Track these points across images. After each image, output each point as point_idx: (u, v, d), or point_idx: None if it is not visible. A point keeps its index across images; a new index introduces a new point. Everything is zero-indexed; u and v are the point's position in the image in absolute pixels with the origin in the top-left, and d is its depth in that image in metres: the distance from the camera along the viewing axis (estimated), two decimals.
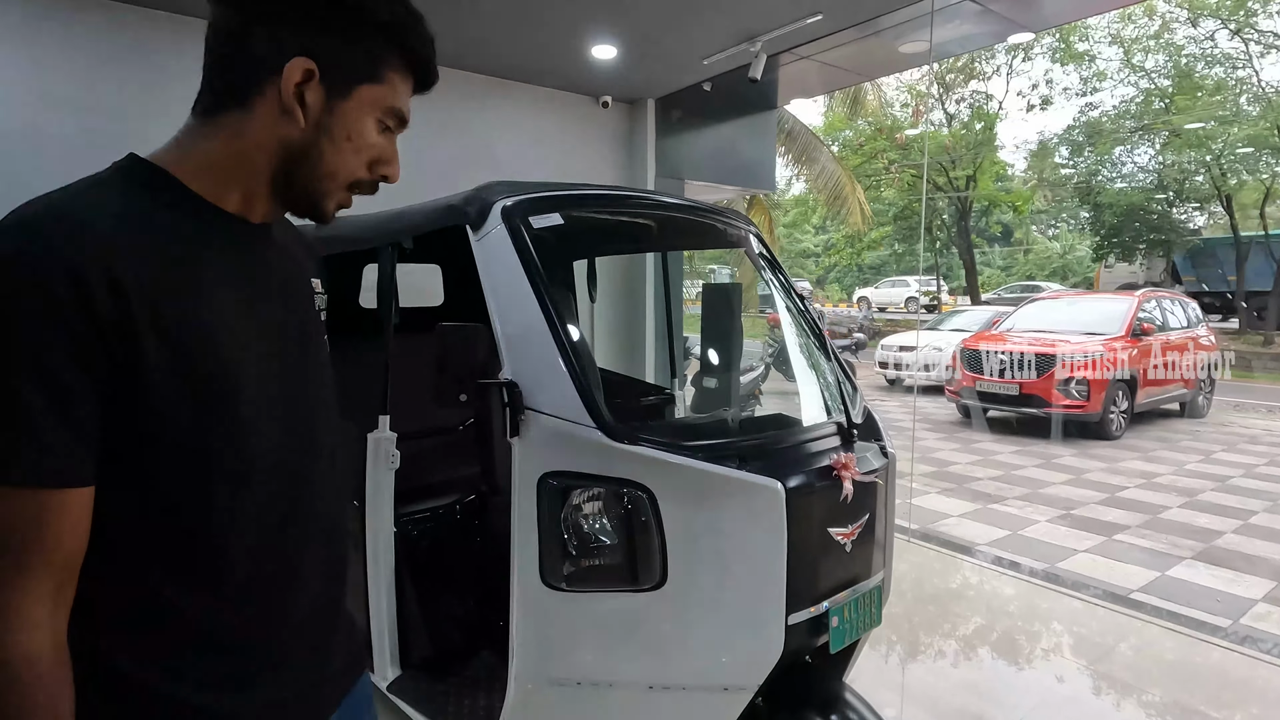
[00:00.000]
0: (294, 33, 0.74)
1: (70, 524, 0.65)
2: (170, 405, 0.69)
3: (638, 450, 1.50)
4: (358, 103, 0.77)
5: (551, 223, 1.81)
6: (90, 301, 0.62)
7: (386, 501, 2.13)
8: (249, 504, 0.76)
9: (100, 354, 0.64)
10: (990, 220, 25.08)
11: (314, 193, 0.79)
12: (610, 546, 1.54)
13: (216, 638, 0.75)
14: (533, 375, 1.59)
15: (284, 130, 0.75)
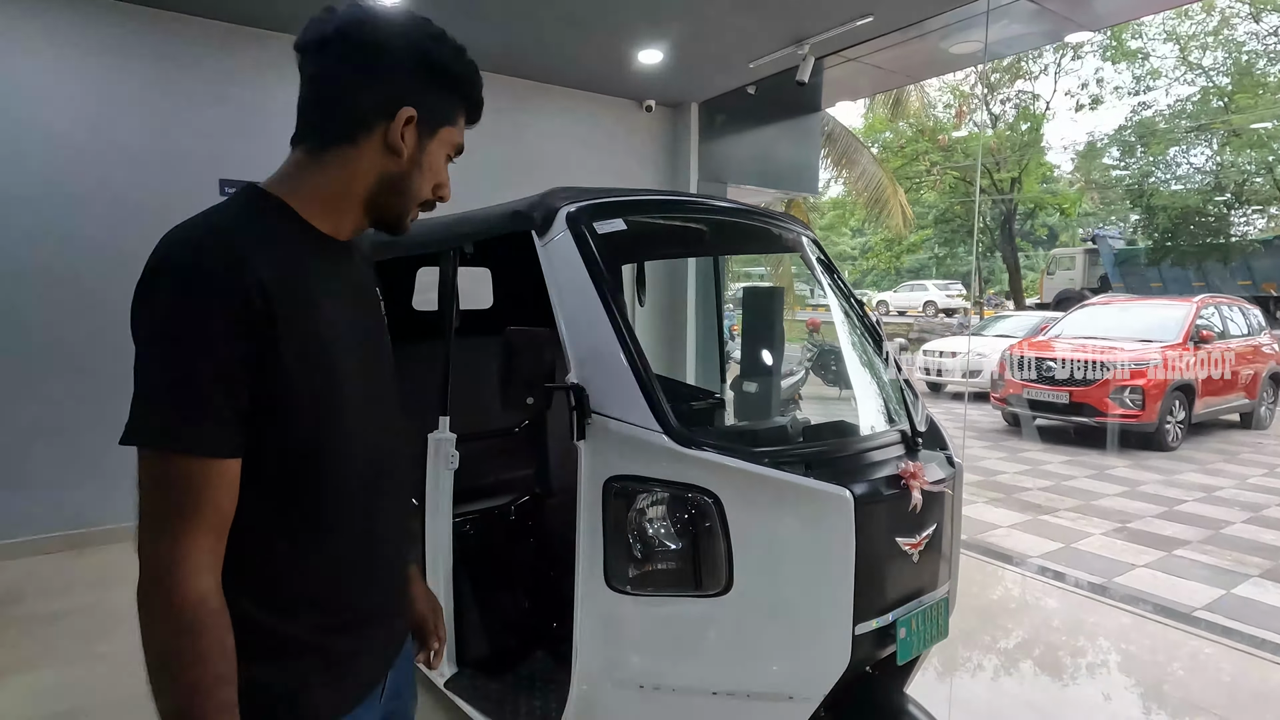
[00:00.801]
0: (401, 88, 0.90)
1: (225, 489, 0.78)
2: (294, 390, 0.82)
3: (704, 456, 1.51)
4: (439, 141, 0.96)
5: (615, 228, 1.83)
6: (248, 303, 0.76)
7: (446, 501, 2.17)
8: (347, 476, 0.89)
9: (252, 345, 0.77)
10: (1036, 223, 24.43)
11: (401, 213, 0.96)
12: (675, 551, 1.54)
13: (321, 589, 0.89)
14: (598, 379, 1.60)
15: (386, 164, 0.92)
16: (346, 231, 0.95)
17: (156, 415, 0.75)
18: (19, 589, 3.67)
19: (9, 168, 3.94)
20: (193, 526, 0.75)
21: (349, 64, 0.89)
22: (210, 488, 0.76)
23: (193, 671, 0.74)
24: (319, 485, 0.87)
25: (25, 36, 3.95)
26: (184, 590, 0.74)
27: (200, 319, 0.75)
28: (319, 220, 0.91)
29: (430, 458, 2.19)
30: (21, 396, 4.02)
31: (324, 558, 0.89)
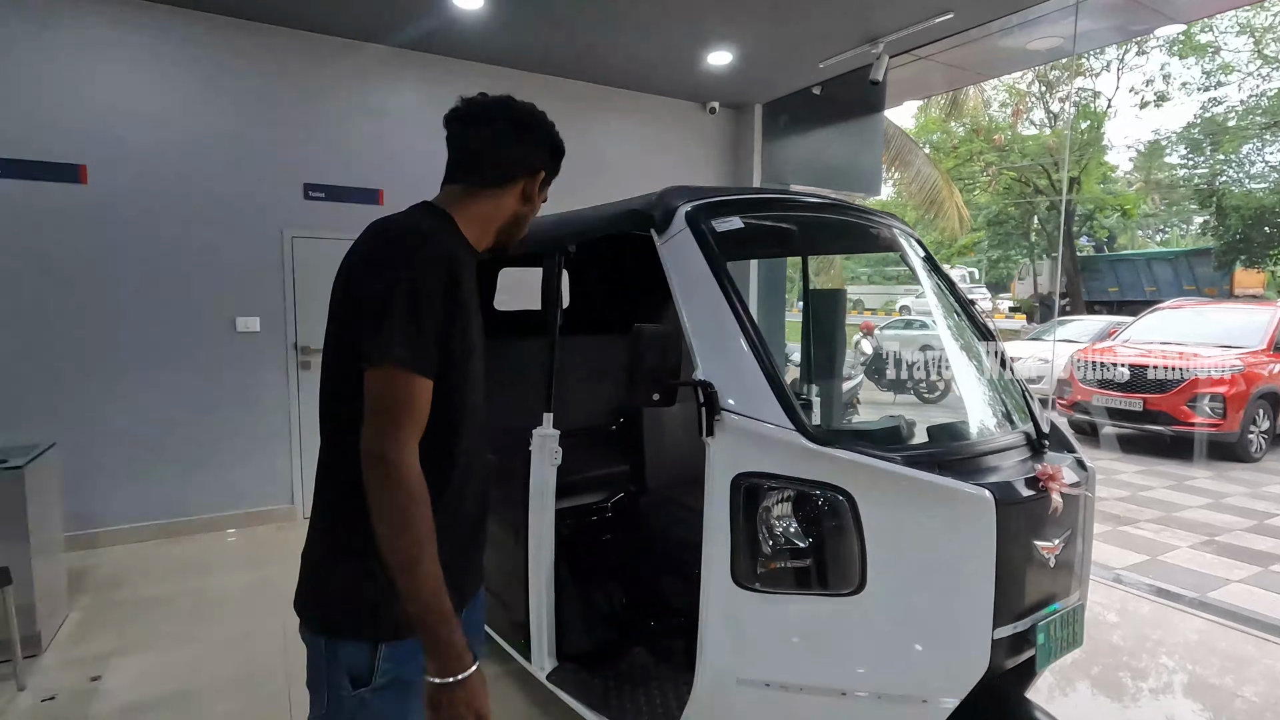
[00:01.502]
0: (540, 155, 1.28)
1: (426, 402, 1.05)
2: (454, 346, 1.09)
3: (838, 454, 1.49)
4: (541, 191, 1.30)
5: (733, 226, 1.83)
6: (450, 274, 1.07)
7: (549, 497, 2.20)
8: (464, 436, 1.16)
9: (446, 310, 1.06)
10: (1095, 225, 23.57)
11: (513, 237, 1.31)
12: (806, 549, 1.53)
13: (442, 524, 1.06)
14: (725, 376, 1.60)
15: (519, 206, 1.28)
16: (482, 247, 1.27)
17: (395, 344, 1.01)
18: (120, 574, 3.85)
19: (111, 174, 4.15)
20: (414, 425, 1.02)
21: (505, 133, 1.24)
22: (423, 399, 1.04)
23: (418, 527, 0.98)
24: (452, 425, 1.13)
25: (129, 50, 4.16)
26: (409, 465, 1.00)
27: (422, 275, 1.04)
28: (469, 235, 1.22)
29: (535, 453, 2.22)
30: (119, 392, 4.22)
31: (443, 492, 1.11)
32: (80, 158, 4.07)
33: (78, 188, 4.08)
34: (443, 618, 0.98)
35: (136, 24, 4.16)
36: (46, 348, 4.04)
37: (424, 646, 0.98)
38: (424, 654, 0.98)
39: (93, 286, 4.11)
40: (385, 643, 1.06)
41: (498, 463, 2.40)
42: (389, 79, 4.87)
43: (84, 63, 4.06)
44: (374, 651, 1.05)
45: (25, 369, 4.01)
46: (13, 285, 3.96)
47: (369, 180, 4.82)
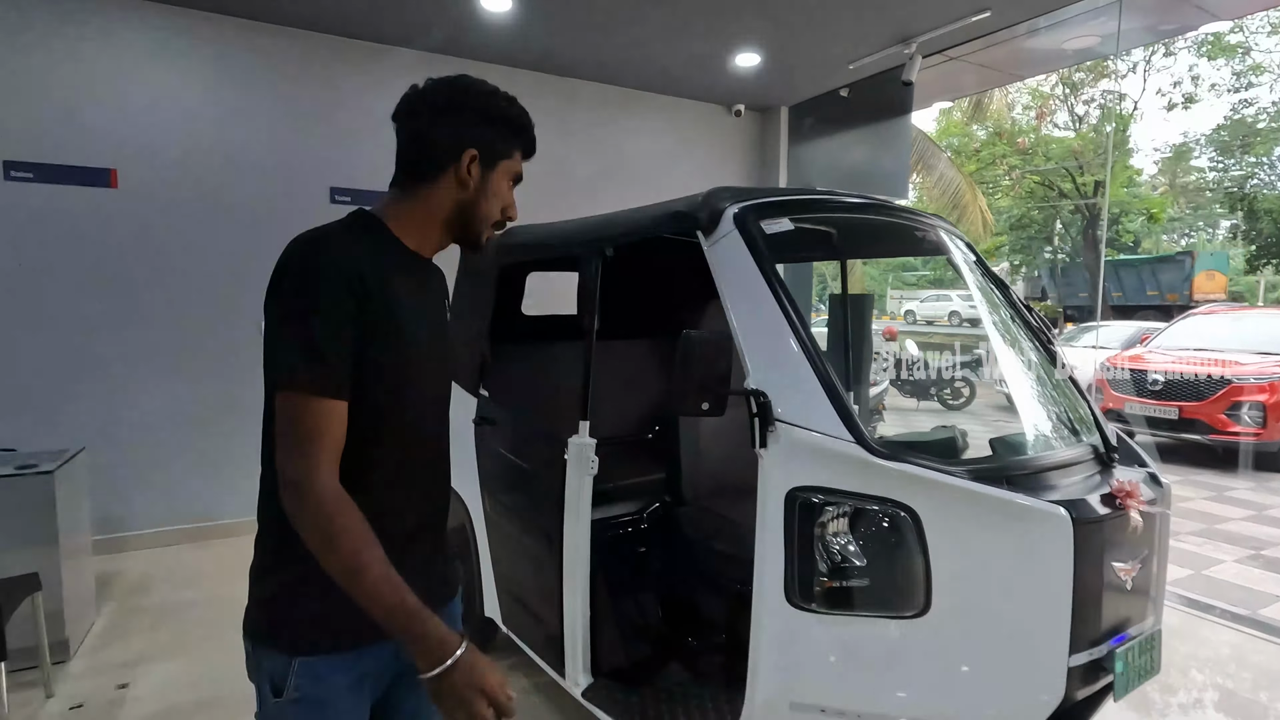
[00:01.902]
0: (464, 133, 1.14)
1: (340, 423, 1.01)
2: (374, 361, 1.04)
3: (902, 468, 1.42)
4: (499, 172, 1.18)
5: (782, 228, 1.76)
6: (351, 285, 1.01)
7: (585, 507, 2.13)
8: (394, 452, 1.11)
9: (355, 324, 1.01)
10: (1121, 229, 23.18)
11: (474, 231, 1.19)
12: (865, 568, 1.45)
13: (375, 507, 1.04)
14: (779, 385, 1.53)
15: (457, 195, 1.15)
16: (430, 249, 1.19)
17: (297, 367, 0.98)
18: (147, 579, 3.84)
19: (141, 177, 4.16)
20: (322, 446, 0.98)
21: (427, 120, 1.14)
22: (331, 421, 1.00)
23: (347, 540, 0.95)
24: (380, 439, 1.09)
25: (159, 54, 4.18)
26: (320, 482, 0.97)
27: (321, 294, 1.00)
28: (408, 239, 1.16)
29: (570, 462, 2.16)
30: (147, 395, 4.23)
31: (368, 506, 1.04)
32: (110, 161, 4.08)
33: (108, 191, 4.09)
34: (408, 614, 0.95)
35: (167, 28, 4.17)
36: (77, 351, 4.06)
37: (405, 647, 0.97)
38: (410, 653, 0.97)
39: (122, 290, 4.12)
40: (298, 657, 1.04)
41: (531, 472, 2.37)
42: (415, 83, 4.84)
43: (114, 67, 4.08)
44: (289, 664, 1.04)
45: (56, 372, 4.02)
46: (43, 289, 3.98)
47: None
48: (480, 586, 2.81)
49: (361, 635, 1.06)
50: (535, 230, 2.67)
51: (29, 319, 3.96)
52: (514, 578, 2.60)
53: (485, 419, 2.71)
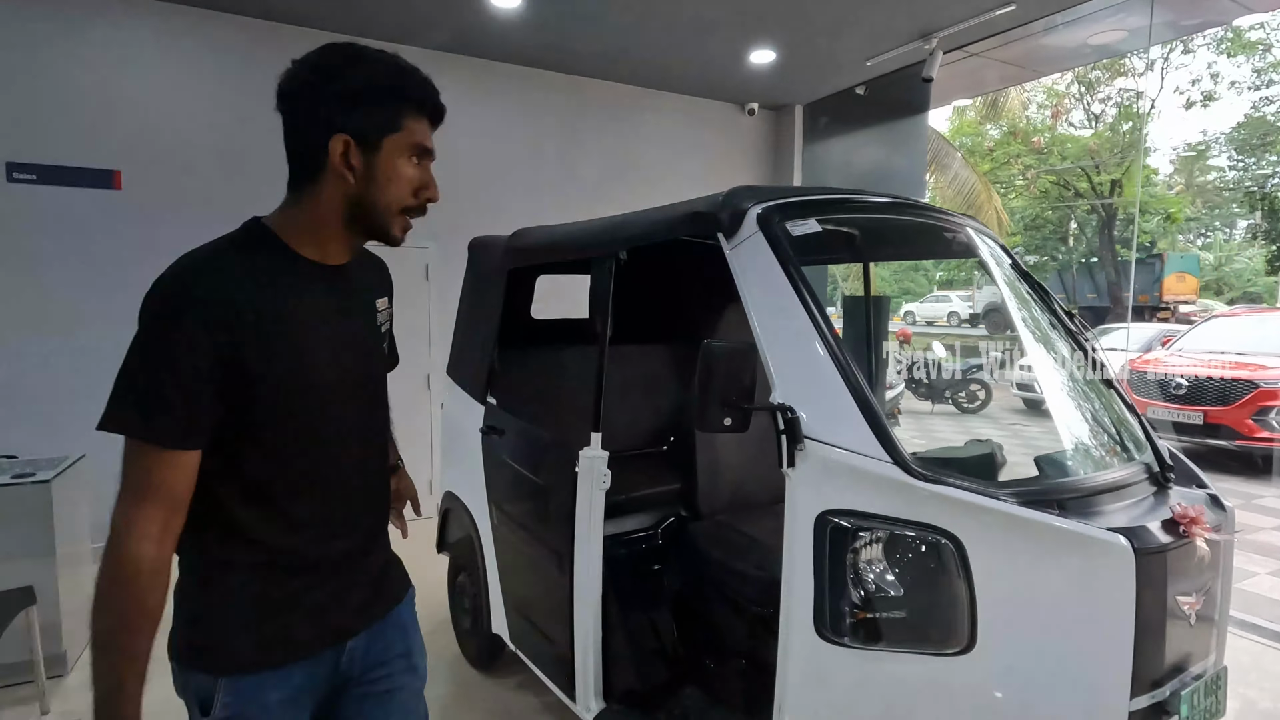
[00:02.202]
0: (327, 122, 0.99)
1: (177, 475, 0.93)
2: (266, 401, 0.96)
3: (944, 491, 1.30)
4: (387, 151, 1.02)
5: (809, 229, 1.65)
6: (215, 326, 0.91)
7: (596, 523, 2.03)
8: (309, 477, 1.05)
9: (216, 360, 0.92)
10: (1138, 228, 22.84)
11: (378, 225, 1.05)
12: (903, 599, 1.34)
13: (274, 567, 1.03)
14: (808, 399, 1.42)
15: (343, 189, 1.02)
16: (336, 255, 1.07)
17: (126, 409, 0.91)
18: None
19: (145, 179, 4.09)
20: (143, 500, 0.91)
21: (291, 111, 1.03)
22: (161, 472, 0.92)
23: (107, 617, 0.91)
24: (293, 467, 1.02)
25: (162, 54, 4.11)
26: (126, 548, 0.91)
27: (170, 335, 0.91)
28: (305, 248, 1.04)
29: (581, 476, 2.05)
30: None
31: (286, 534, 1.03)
32: (114, 163, 4.02)
33: (112, 193, 4.03)
34: (104, 715, 0.93)
35: (171, 28, 4.10)
36: (80, 355, 3.99)
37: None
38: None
39: (126, 293, 4.04)
40: (225, 677, 1.01)
41: (540, 485, 2.27)
42: None
43: (119, 67, 4.01)
44: (216, 683, 1.01)
45: (59, 377, 3.96)
46: (47, 292, 3.92)
47: None
48: (487, 601, 2.71)
49: (291, 651, 1.05)
50: (545, 232, 2.56)
51: (32, 323, 3.89)
52: (522, 594, 2.50)
53: (493, 428, 2.61)
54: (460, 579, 3.04)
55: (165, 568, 0.94)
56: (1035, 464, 1.58)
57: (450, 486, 3.03)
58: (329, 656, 1.09)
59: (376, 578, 1.18)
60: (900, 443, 1.34)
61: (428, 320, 4.85)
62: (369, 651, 1.15)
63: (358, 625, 1.13)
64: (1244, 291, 21.83)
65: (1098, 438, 1.70)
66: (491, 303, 2.73)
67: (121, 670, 0.92)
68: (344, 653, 1.11)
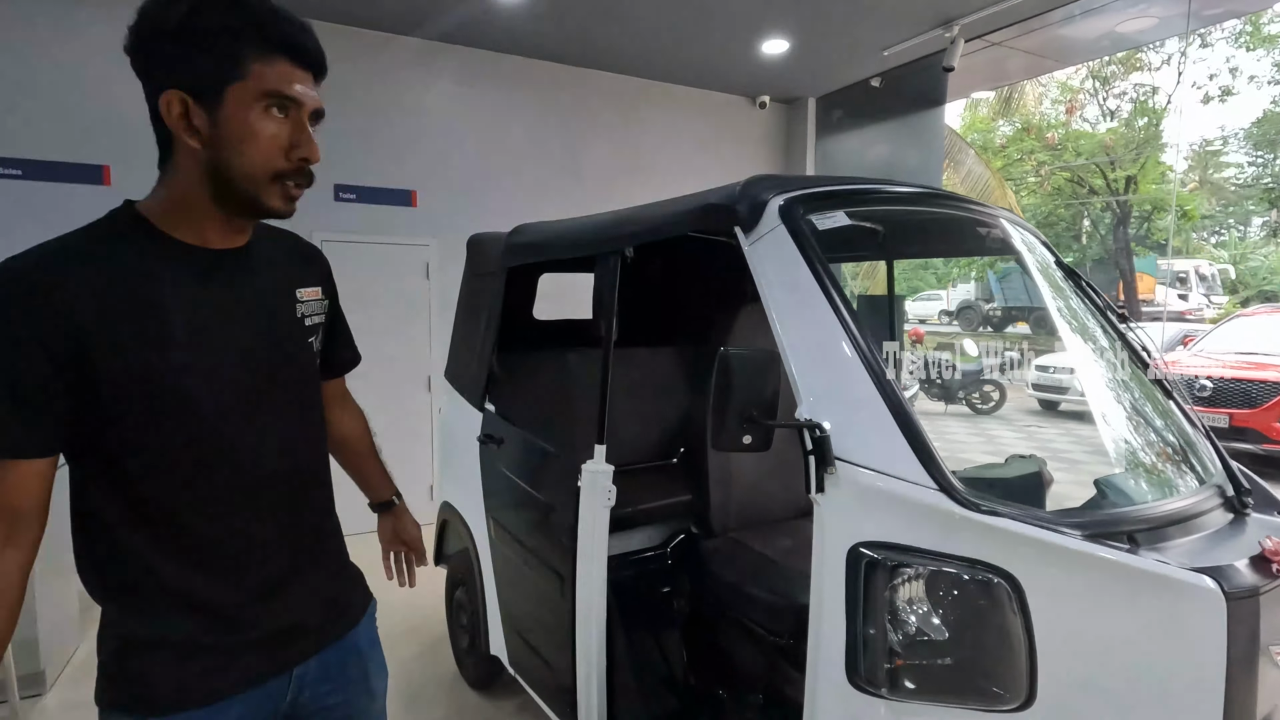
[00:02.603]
0: (154, 79, 0.86)
1: (12, 486, 0.84)
2: (122, 402, 0.85)
3: (999, 524, 1.13)
4: (232, 104, 0.85)
5: (837, 223, 1.48)
6: (46, 323, 0.80)
7: (600, 542, 1.86)
8: (208, 490, 0.92)
9: (47, 360, 0.80)
10: (1153, 226, 22.50)
11: (247, 196, 0.89)
12: (950, 645, 1.17)
13: (186, 596, 0.92)
14: (839, 415, 1.25)
15: (196, 158, 0.87)
16: (215, 237, 0.93)
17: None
18: None
19: (134, 174, 3.94)
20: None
21: (140, 71, 0.88)
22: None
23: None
24: (172, 492, 0.90)
25: None
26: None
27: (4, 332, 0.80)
28: (180, 231, 0.91)
29: (584, 492, 1.89)
30: None
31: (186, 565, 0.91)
32: (103, 158, 3.88)
33: (101, 189, 3.90)
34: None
35: None
36: None
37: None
38: None
39: None
40: (149, 718, 0.92)
41: (540, 500, 2.11)
42: (424, 74, 4.62)
43: (106, 59, 3.87)
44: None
45: None
46: None
47: (402, 181, 4.56)
48: (485, 621, 2.55)
49: (222, 687, 0.95)
50: (546, 228, 2.40)
51: None
52: (521, 615, 2.34)
53: (490, 437, 2.45)
54: (458, 594, 2.89)
55: (12, 584, 0.86)
56: (1096, 488, 1.41)
57: (448, 497, 2.88)
58: (276, 686, 1.00)
59: (326, 600, 1.07)
60: (946, 468, 1.17)
61: (428, 320, 4.70)
62: (324, 676, 1.06)
63: (307, 651, 1.04)
64: (1259, 290, 21.48)
65: (1161, 456, 1.53)
66: (490, 303, 2.57)
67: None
68: (291, 680, 1.02)
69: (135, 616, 0.91)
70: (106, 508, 0.89)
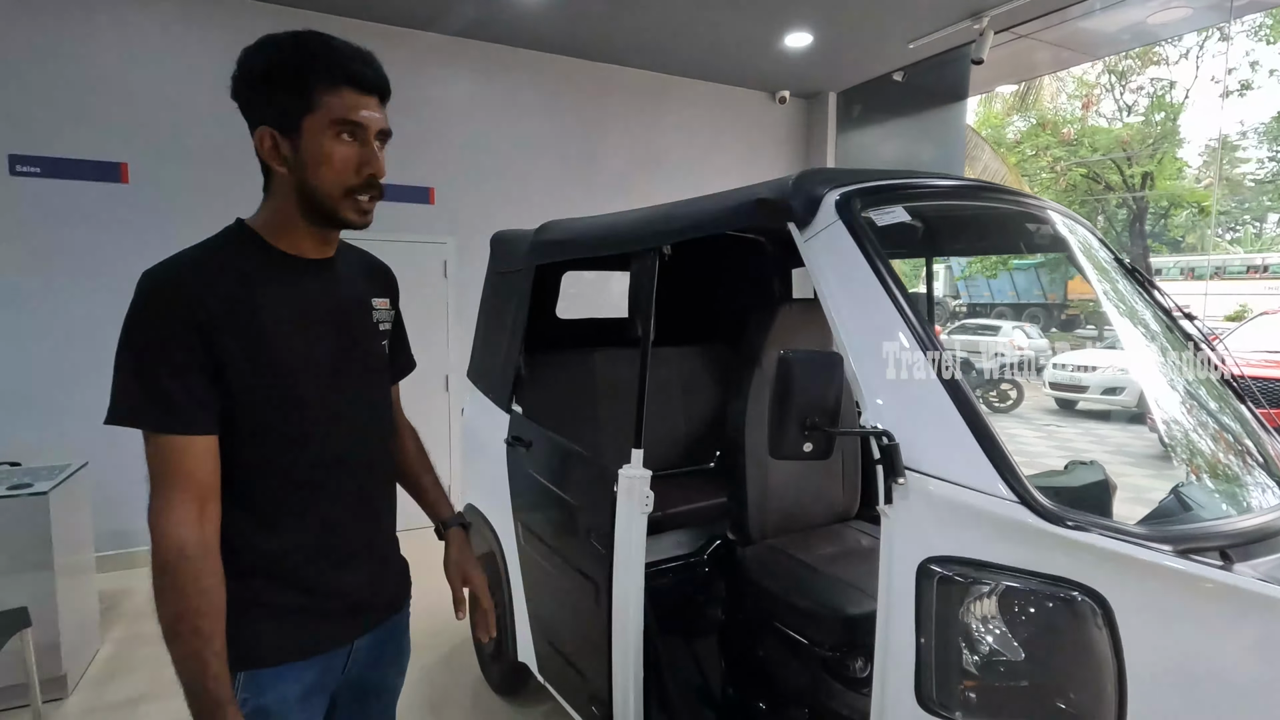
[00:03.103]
0: (251, 117, 1.03)
1: (195, 461, 0.96)
2: (240, 387, 0.98)
3: (1086, 539, 1.06)
4: (309, 133, 0.99)
5: (897, 218, 1.40)
6: (191, 318, 0.95)
7: (638, 549, 1.80)
8: (301, 468, 1.05)
9: (200, 347, 0.95)
10: (1170, 223, 22.24)
11: (327, 211, 1.04)
12: (1030, 667, 1.10)
13: (278, 563, 1.04)
14: (909, 422, 1.18)
15: (288, 179, 1.02)
16: (309, 247, 1.08)
17: (129, 401, 0.94)
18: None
19: (152, 171, 3.92)
20: (171, 487, 0.94)
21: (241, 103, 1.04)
22: (179, 458, 0.95)
23: (170, 600, 0.93)
24: (271, 468, 1.03)
25: (169, 41, 3.93)
26: (165, 534, 0.93)
27: (153, 328, 0.95)
28: (281, 243, 1.06)
29: (621, 497, 1.83)
30: None
31: (276, 530, 1.04)
32: (121, 155, 3.85)
33: (119, 186, 3.86)
34: (204, 706, 0.94)
35: (178, 15, 3.92)
36: (86, 354, 3.83)
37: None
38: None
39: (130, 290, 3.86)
40: (243, 671, 1.02)
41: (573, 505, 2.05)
42: (442, 69, 4.56)
43: (124, 56, 3.83)
44: (235, 677, 1.01)
45: (63, 376, 3.80)
46: (52, 290, 3.76)
47: (420, 178, 4.51)
48: (512, 626, 2.50)
49: (309, 646, 1.07)
50: (578, 224, 2.34)
51: (37, 321, 3.74)
52: (551, 622, 2.28)
53: (518, 439, 2.39)
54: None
55: (211, 550, 0.96)
56: (1176, 497, 1.34)
57: (471, 499, 2.83)
58: (340, 655, 1.12)
59: (385, 582, 1.19)
60: (1026, 479, 1.10)
61: (446, 319, 4.65)
62: (371, 652, 1.18)
63: (365, 627, 1.15)
64: None
65: (1242, 464, 1.45)
66: (516, 302, 2.51)
67: (199, 650, 0.93)
68: (350, 651, 1.14)
69: (239, 582, 1.00)
70: (227, 484, 1.00)
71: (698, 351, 2.73)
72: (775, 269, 2.93)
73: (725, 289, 3.06)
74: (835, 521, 2.25)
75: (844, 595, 1.78)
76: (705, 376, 2.73)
